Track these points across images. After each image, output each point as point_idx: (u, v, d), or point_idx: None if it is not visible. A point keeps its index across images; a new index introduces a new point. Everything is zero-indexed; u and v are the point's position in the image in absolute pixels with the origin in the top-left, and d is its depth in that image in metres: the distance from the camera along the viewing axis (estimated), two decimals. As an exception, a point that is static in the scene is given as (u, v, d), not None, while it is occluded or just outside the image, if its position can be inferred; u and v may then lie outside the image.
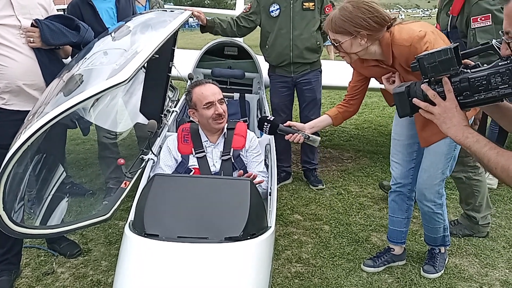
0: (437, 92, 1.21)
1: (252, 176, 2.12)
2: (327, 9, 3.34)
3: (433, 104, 1.21)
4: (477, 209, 2.77)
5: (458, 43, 1.23)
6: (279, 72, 3.46)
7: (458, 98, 1.19)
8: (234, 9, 8.31)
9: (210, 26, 3.24)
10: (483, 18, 2.30)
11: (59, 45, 2.27)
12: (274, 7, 3.32)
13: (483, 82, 1.13)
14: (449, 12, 2.57)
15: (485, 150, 1.13)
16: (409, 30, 1.84)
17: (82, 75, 1.77)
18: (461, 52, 1.22)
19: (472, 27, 2.38)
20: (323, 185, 3.67)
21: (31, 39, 2.15)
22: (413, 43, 1.79)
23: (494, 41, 1.15)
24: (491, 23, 2.30)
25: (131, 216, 1.75)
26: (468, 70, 1.19)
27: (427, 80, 1.24)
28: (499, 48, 1.12)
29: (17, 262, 2.44)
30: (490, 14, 2.30)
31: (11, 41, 2.12)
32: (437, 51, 1.20)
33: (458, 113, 1.18)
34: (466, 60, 1.26)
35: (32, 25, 2.16)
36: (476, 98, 1.16)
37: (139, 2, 4.93)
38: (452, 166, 2.23)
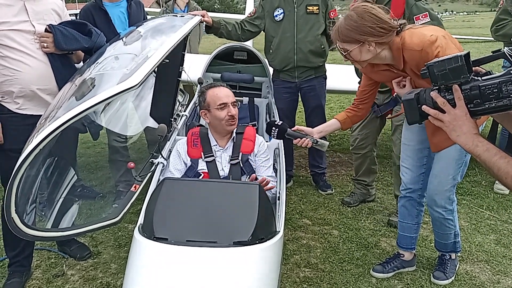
0: (447, 100, 1.20)
1: (265, 181, 2.12)
2: (332, 13, 3.35)
3: (443, 111, 1.20)
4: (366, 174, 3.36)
5: (469, 51, 1.22)
6: (283, 77, 3.46)
7: (469, 106, 1.17)
8: (244, 14, 8.34)
9: (215, 27, 3.26)
10: (423, 16, 2.66)
11: (71, 50, 2.31)
12: (278, 11, 3.33)
13: (494, 90, 1.11)
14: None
15: (495, 159, 1.12)
16: (420, 34, 1.83)
17: (94, 80, 1.79)
18: (472, 60, 1.21)
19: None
20: (332, 190, 3.65)
21: (45, 44, 2.19)
22: (424, 48, 1.78)
23: (506, 48, 1.14)
24: (429, 20, 2.65)
25: (141, 220, 1.76)
26: (479, 78, 1.17)
27: (437, 87, 1.23)
28: (511, 56, 1.11)
29: (28, 264, 2.47)
30: (427, 13, 2.66)
31: (25, 46, 2.16)
32: (447, 59, 1.18)
33: (468, 121, 1.17)
34: (477, 67, 1.24)
35: (46, 30, 2.19)
36: (487, 106, 1.15)
37: (178, 6, 4.95)
38: (463, 172, 2.21)
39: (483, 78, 1.17)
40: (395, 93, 2.79)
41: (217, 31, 3.30)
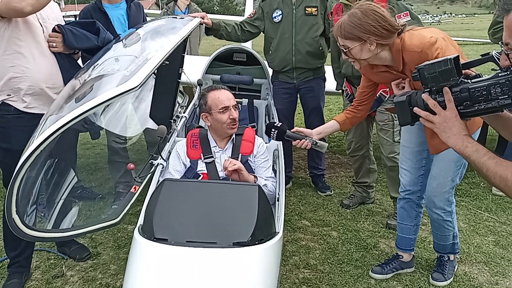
0: (438, 102, 1.23)
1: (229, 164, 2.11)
2: (331, 15, 3.36)
3: (434, 113, 1.22)
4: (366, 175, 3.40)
5: (458, 54, 1.24)
6: (281, 78, 3.48)
7: (459, 108, 1.20)
8: (243, 16, 8.36)
9: (215, 29, 3.28)
10: (404, 15, 2.71)
11: (83, 48, 2.35)
12: (277, 12, 3.36)
13: (483, 93, 1.15)
14: None
15: (484, 160, 1.14)
16: (420, 36, 1.84)
17: (94, 81, 1.80)
18: (462, 63, 1.23)
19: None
20: (331, 191, 3.66)
21: (54, 44, 2.23)
22: (424, 49, 1.79)
23: (494, 52, 1.16)
24: (410, 19, 2.70)
25: (140, 221, 1.76)
26: (469, 81, 1.20)
27: (428, 89, 1.25)
28: (499, 59, 1.13)
29: (27, 265, 2.47)
30: (408, 12, 2.73)
31: (36, 44, 2.19)
32: (437, 62, 1.21)
33: (458, 123, 1.20)
34: (467, 70, 1.26)
35: (54, 30, 2.24)
36: (476, 108, 1.18)
37: (178, 7, 4.98)
38: (462, 173, 2.22)
39: (472, 80, 1.20)
40: (378, 93, 2.83)
41: (216, 32, 3.32)
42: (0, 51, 2.12)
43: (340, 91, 3.33)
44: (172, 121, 2.64)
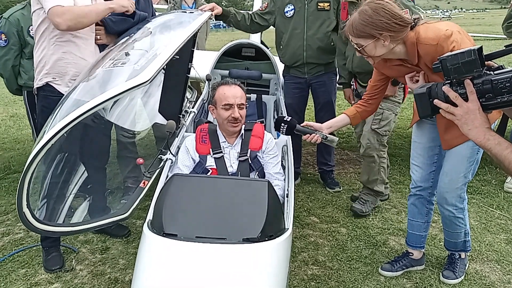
0: (459, 94, 1.20)
1: None
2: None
3: (455, 105, 1.20)
4: (381, 182, 3.20)
5: (481, 45, 1.22)
6: (293, 73, 3.46)
7: (481, 100, 1.18)
8: (252, 10, 8.31)
9: (225, 15, 3.27)
10: (403, 13, 2.57)
11: (122, 30, 2.51)
12: (289, 7, 3.33)
13: (507, 85, 1.12)
14: None
15: (506, 153, 1.12)
16: (435, 29, 1.82)
17: (104, 76, 1.80)
18: (485, 54, 1.20)
19: None
20: (340, 188, 3.64)
21: (98, 37, 2.46)
22: (440, 42, 1.76)
23: None
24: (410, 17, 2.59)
25: (150, 216, 1.76)
26: (491, 72, 1.17)
27: (449, 81, 1.23)
28: None
29: (59, 238, 2.63)
30: (407, 9, 2.59)
31: (87, 35, 2.38)
32: (460, 53, 1.18)
33: (481, 115, 1.17)
34: (489, 62, 1.23)
35: (97, 24, 2.43)
36: (499, 100, 1.15)
37: (185, 2, 5.01)
38: (474, 170, 2.18)
39: (495, 72, 1.16)
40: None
41: (225, 18, 3.30)
42: (55, 37, 2.27)
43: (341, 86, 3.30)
44: (181, 116, 2.64)
